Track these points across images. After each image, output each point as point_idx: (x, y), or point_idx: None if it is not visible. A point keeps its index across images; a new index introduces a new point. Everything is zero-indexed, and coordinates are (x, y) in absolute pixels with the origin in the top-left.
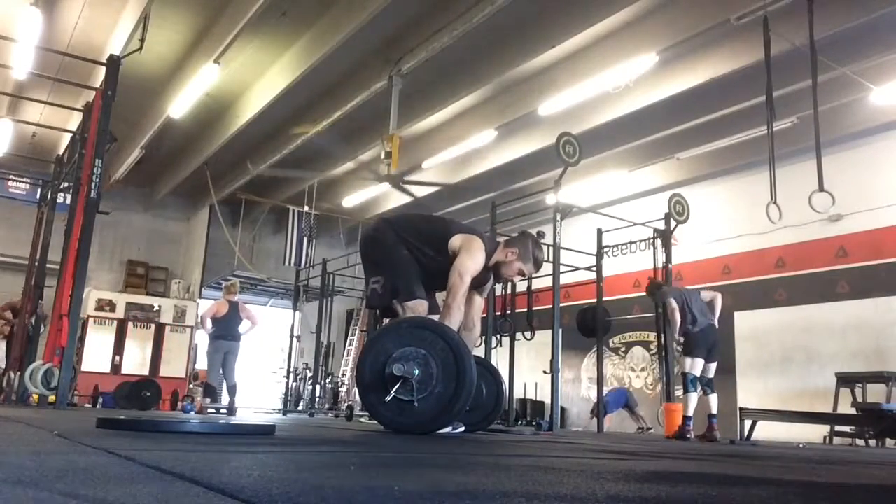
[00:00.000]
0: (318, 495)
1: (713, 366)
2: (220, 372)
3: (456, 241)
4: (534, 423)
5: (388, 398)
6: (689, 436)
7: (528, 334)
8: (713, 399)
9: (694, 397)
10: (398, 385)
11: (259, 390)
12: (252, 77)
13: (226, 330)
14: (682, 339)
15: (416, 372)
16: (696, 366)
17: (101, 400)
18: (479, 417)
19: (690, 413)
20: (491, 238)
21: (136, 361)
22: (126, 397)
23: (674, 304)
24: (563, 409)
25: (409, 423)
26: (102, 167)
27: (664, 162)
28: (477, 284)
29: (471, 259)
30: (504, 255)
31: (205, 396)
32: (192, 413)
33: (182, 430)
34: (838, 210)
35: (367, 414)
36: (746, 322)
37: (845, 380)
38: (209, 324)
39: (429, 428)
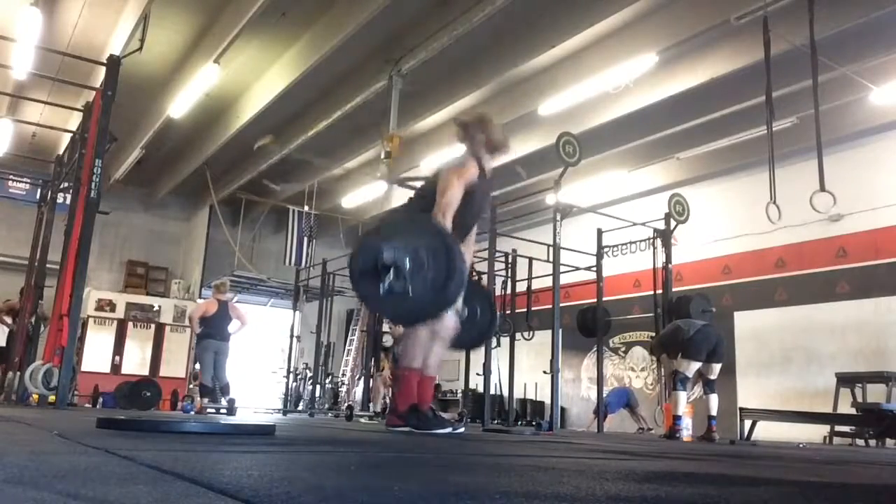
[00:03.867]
0: (318, 495)
1: (717, 367)
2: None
3: (438, 182)
4: (534, 423)
5: (382, 290)
6: (678, 434)
7: (527, 334)
8: (713, 399)
9: (683, 396)
10: (390, 274)
11: (259, 390)
12: (252, 77)
13: (214, 329)
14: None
15: (407, 260)
16: (690, 367)
17: (101, 400)
18: (474, 334)
19: (680, 412)
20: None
21: (136, 361)
22: (126, 397)
23: (664, 358)
24: (563, 410)
25: (405, 311)
26: (102, 167)
27: (664, 162)
28: (478, 211)
29: (456, 171)
30: (476, 148)
31: (201, 396)
32: (192, 413)
33: (182, 430)
34: (838, 210)
35: (367, 414)
36: (746, 322)
37: (845, 380)
38: (197, 323)
39: (425, 314)
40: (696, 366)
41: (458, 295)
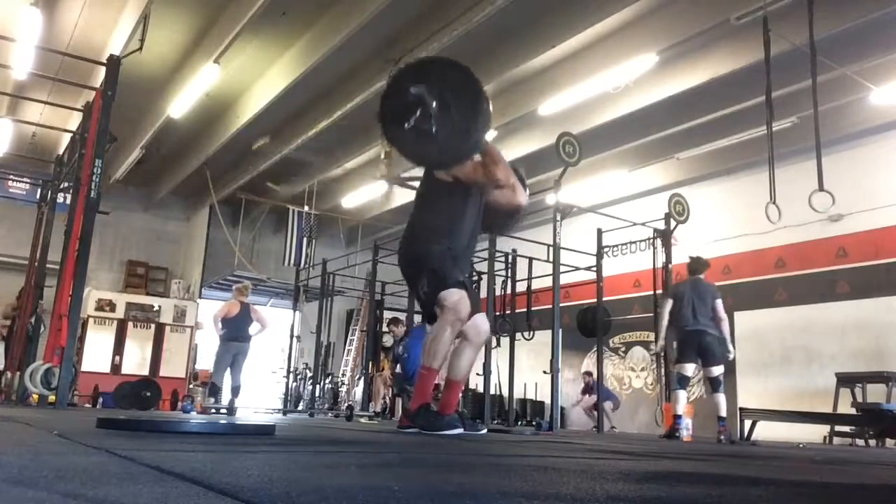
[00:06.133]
0: (318, 495)
1: (714, 368)
2: (227, 372)
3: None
4: (534, 423)
5: (407, 125)
6: (678, 434)
7: (527, 334)
8: (718, 398)
9: (682, 395)
10: (418, 113)
11: (259, 390)
12: (252, 77)
13: (237, 331)
14: (662, 345)
15: (434, 103)
16: (685, 368)
17: (101, 400)
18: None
19: (679, 411)
20: None
21: (136, 361)
22: (126, 397)
23: (668, 303)
24: (562, 409)
25: (429, 152)
26: (102, 167)
27: (664, 162)
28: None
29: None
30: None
31: (208, 396)
32: (192, 413)
33: (182, 430)
34: (838, 210)
35: (367, 414)
36: (746, 322)
37: (845, 380)
38: (220, 325)
39: (447, 157)
40: (690, 366)
41: (479, 143)
